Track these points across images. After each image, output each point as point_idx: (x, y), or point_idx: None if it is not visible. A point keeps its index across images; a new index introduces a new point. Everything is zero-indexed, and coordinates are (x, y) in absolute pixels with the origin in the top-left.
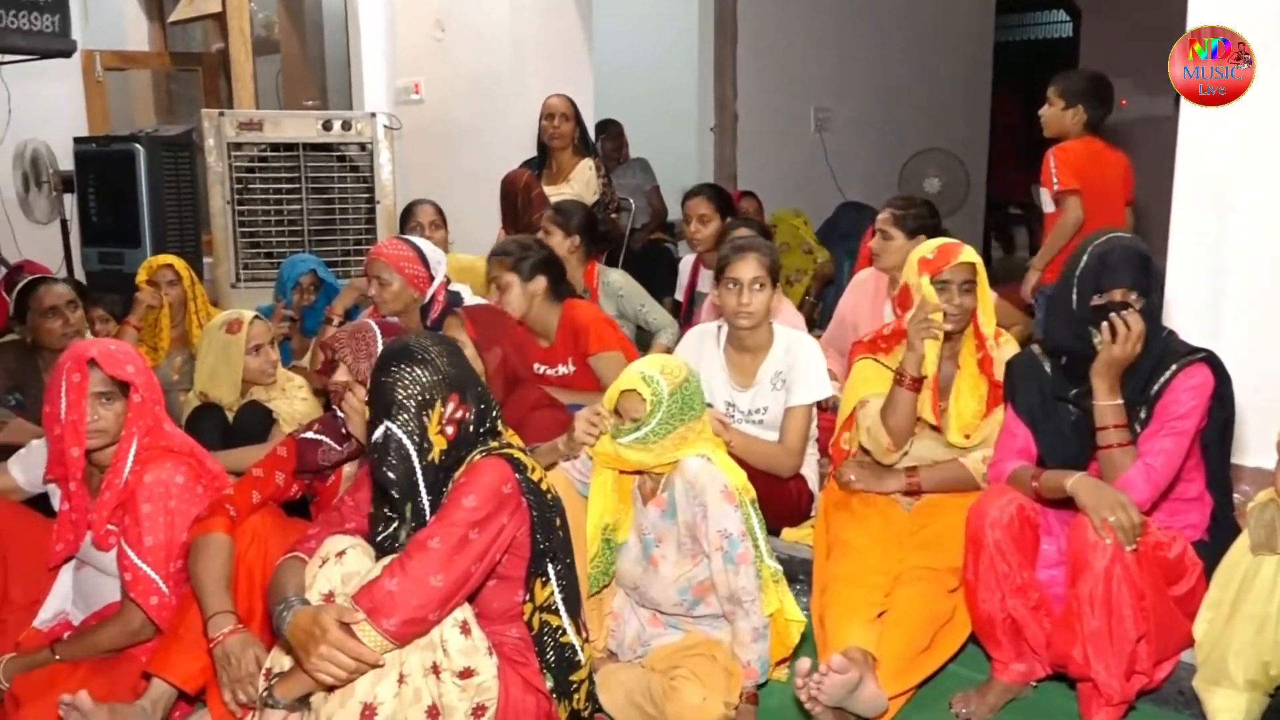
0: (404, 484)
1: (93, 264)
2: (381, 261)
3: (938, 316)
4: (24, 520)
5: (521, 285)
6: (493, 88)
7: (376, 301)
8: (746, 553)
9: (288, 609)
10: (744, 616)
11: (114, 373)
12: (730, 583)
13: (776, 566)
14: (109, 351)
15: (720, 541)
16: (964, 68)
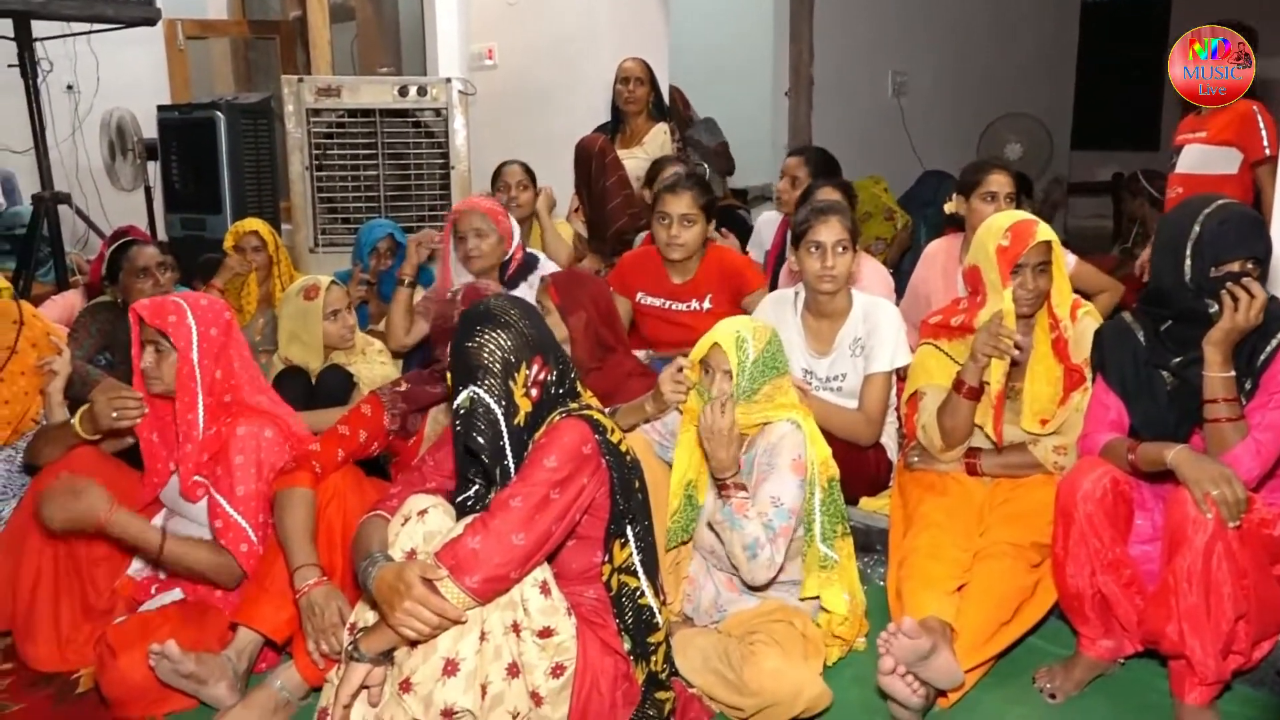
0: (492, 448)
1: (176, 230)
2: (480, 213)
3: (1008, 342)
4: (116, 471)
5: (704, 224)
6: (567, 52)
7: (468, 256)
8: (788, 529)
9: (373, 564)
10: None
11: (153, 323)
12: (750, 536)
13: (829, 555)
14: (155, 302)
15: (767, 507)
16: (1049, 29)
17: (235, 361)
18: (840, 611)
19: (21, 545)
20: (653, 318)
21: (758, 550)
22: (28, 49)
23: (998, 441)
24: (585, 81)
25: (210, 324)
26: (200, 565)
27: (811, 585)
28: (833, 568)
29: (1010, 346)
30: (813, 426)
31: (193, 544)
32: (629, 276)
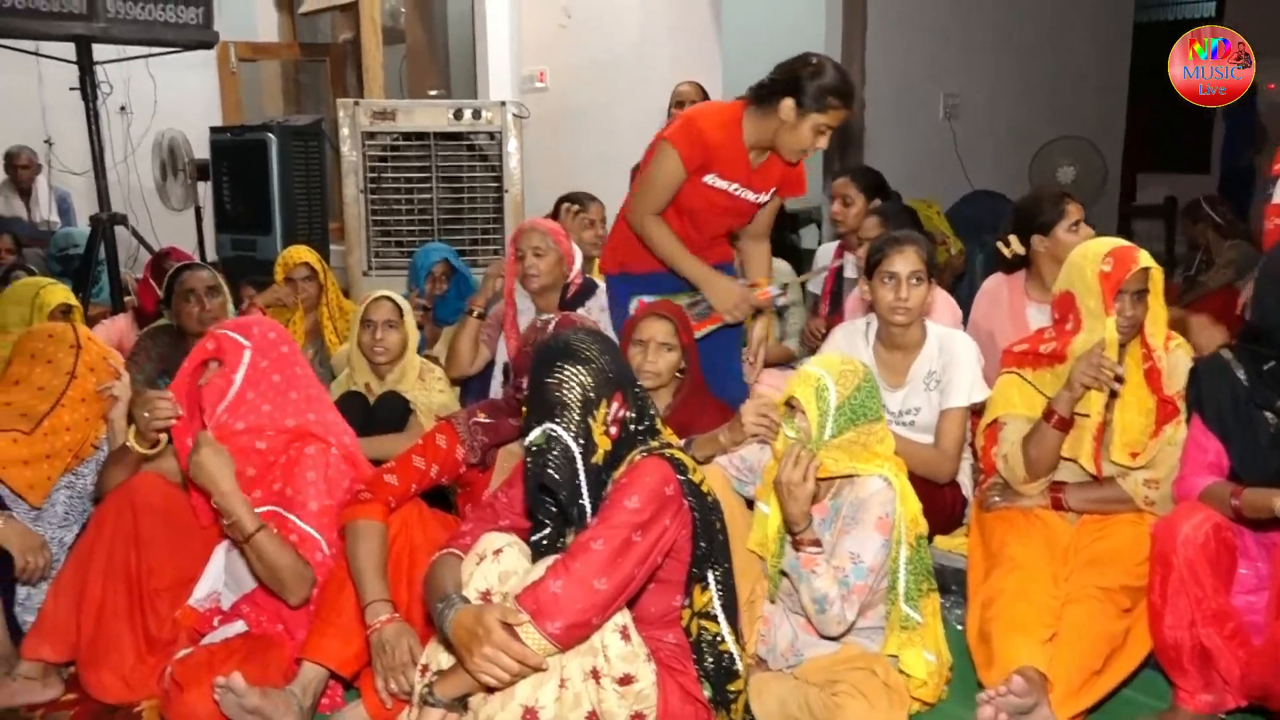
0: (568, 487)
1: (226, 250)
2: (540, 231)
3: (1109, 374)
4: (177, 497)
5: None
6: (620, 74)
7: (526, 274)
8: (864, 588)
9: (449, 607)
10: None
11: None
12: (820, 591)
13: (912, 616)
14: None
15: (845, 563)
16: (1101, 50)
17: (292, 392)
18: (919, 675)
19: (85, 574)
20: (707, 205)
21: (826, 606)
22: (89, 72)
23: (1097, 474)
24: (638, 104)
25: (264, 355)
26: (281, 563)
27: (892, 644)
28: (915, 629)
29: (1111, 378)
30: (905, 484)
31: (282, 541)
32: (713, 153)
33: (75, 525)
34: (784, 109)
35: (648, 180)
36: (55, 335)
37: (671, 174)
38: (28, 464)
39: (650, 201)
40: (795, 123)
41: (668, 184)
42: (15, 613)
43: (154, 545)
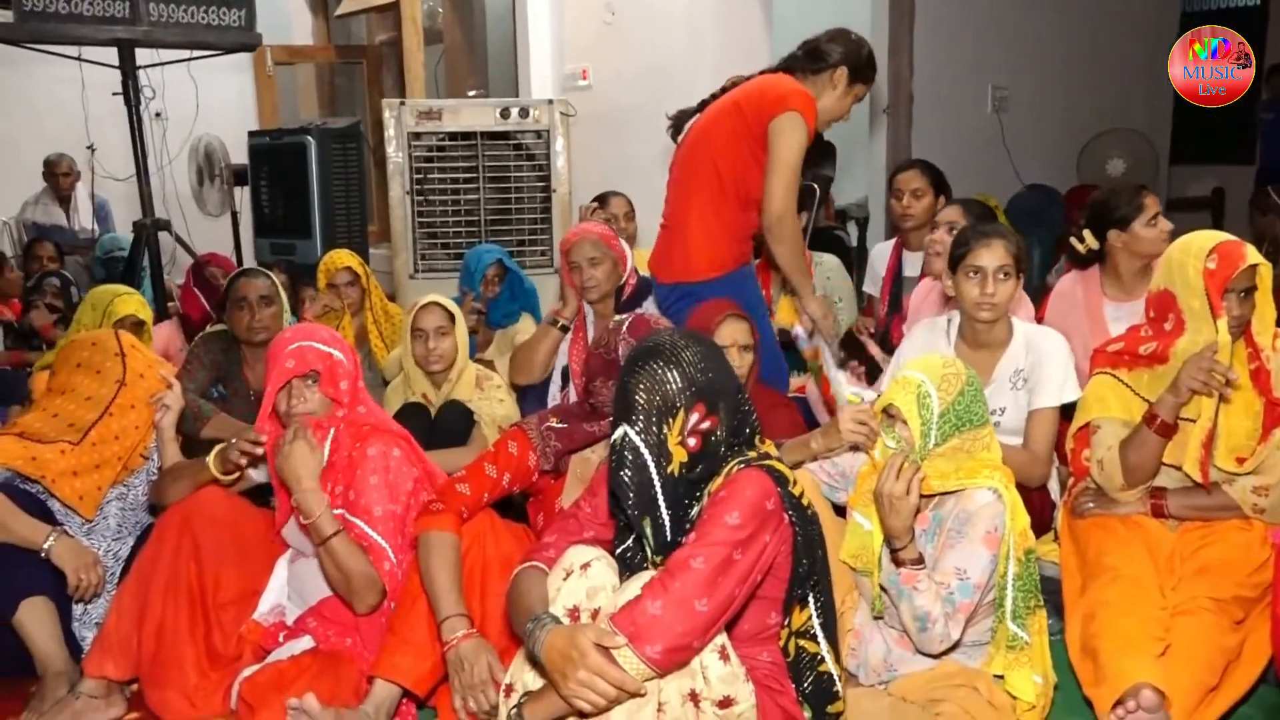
0: (641, 496)
1: (265, 254)
2: (595, 239)
3: (1221, 378)
4: (241, 511)
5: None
6: (666, 71)
7: (585, 286)
8: (970, 606)
9: (540, 627)
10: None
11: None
12: (922, 609)
13: (1020, 635)
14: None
15: (950, 579)
16: (1148, 40)
17: (360, 406)
18: (1027, 699)
19: (147, 590)
20: None
21: (929, 625)
22: (131, 77)
23: (1204, 483)
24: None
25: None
26: (354, 569)
27: (998, 664)
28: (1022, 648)
29: (1223, 383)
30: (1015, 496)
31: (355, 547)
32: None
33: (129, 538)
34: (838, 77)
35: (789, 162)
36: (99, 343)
37: (804, 144)
38: (77, 475)
39: (790, 186)
40: (844, 92)
41: (800, 157)
42: (74, 629)
43: (216, 559)
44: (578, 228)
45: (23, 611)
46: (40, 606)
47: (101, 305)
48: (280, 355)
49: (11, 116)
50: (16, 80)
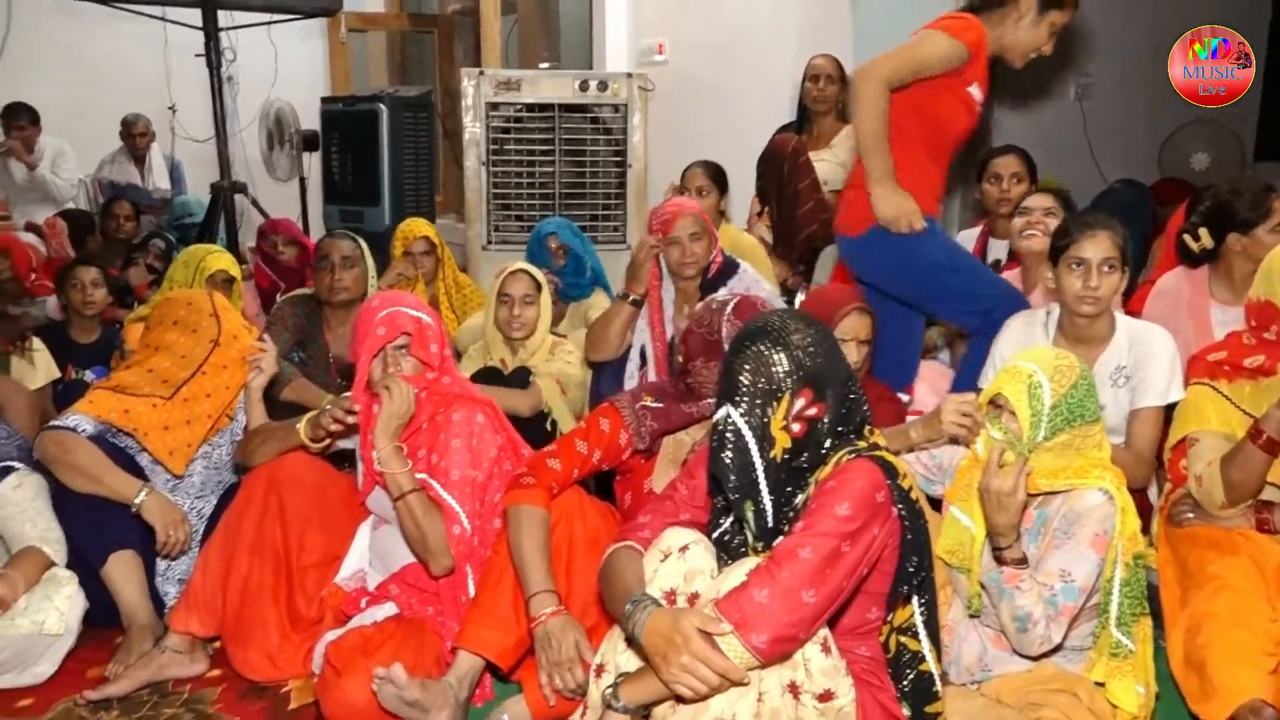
0: (742, 480)
1: (333, 220)
2: (691, 214)
3: None
4: (325, 475)
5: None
6: (745, 47)
7: (683, 262)
8: (1073, 609)
9: (640, 609)
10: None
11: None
12: (1023, 609)
13: (1124, 643)
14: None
15: (1054, 580)
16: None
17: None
18: (1129, 708)
19: (233, 549)
20: (951, 118)
21: (1029, 626)
22: (213, 38)
23: None
24: (765, 79)
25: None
26: (429, 529)
27: (1099, 671)
28: (1126, 656)
29: None
30: (1127, 498)
31: (432, 507)
32: (983, 60)
33: (212, 496)
34: (1025, 6)
35: (910, 48)
36: (194, 303)
37: (946, 55)
38: (168, 429)
39: (897, 68)
40: (1035, 20)
41: (931, 61)
42: (156, 584)
43: (301, 522)
44: (675, 202)
45: (112, 564)
46: (128, 560)
47: (194, 262)
48: (371, 323)
49: (94, 76)
50: (99, 40)
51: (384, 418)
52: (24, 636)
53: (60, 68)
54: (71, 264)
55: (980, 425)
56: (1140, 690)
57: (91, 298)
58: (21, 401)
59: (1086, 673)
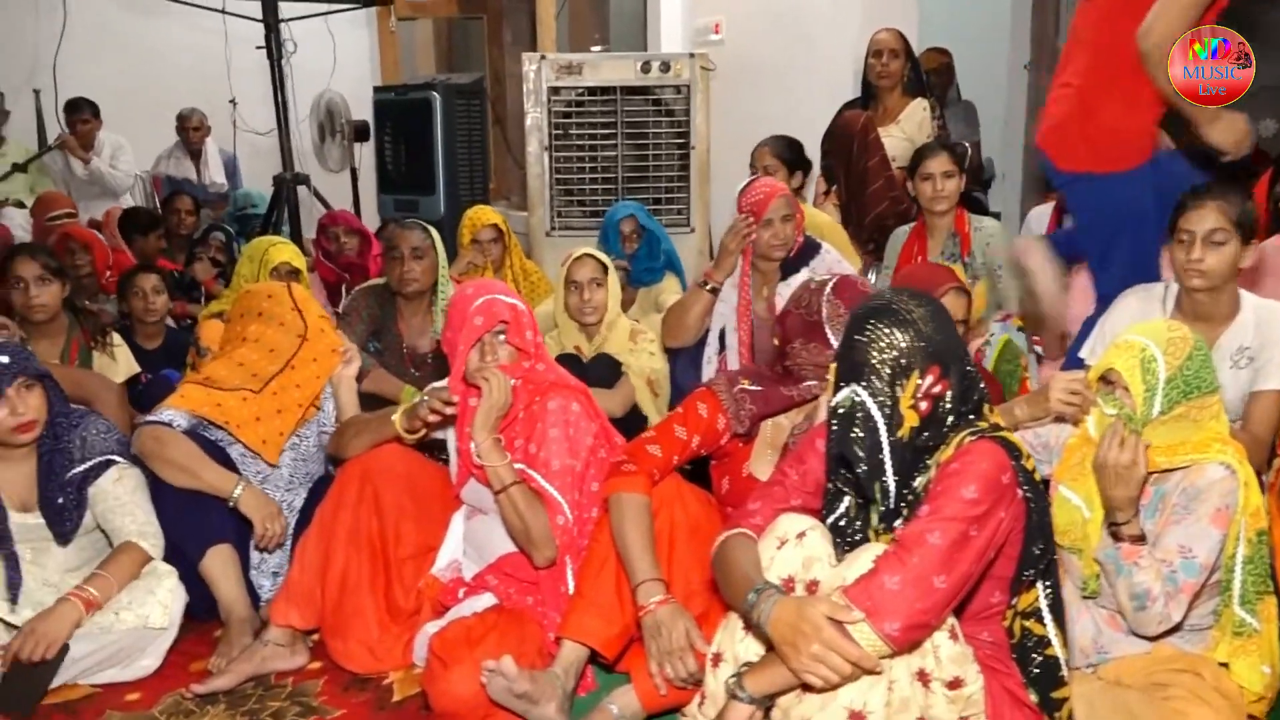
0: (870, 460)
1: (388, 210)
2: (786, 195)
3: None
4: (419, 466)
5: None
6: (806, 23)
7: (773, 244)
8: (1194, 586)
9: (765, 598)
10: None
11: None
12: (1141, 586)
13: (1248, 621)
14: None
15: (1173, 556)
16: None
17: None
18: (1255, 688)
19: (329, 542)
20: None
21: (1148, 603)
22: (274, 30)
23: None
24: (826, 55)
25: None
26: (532, 521)
27: (1222, 650)
28: (1250, 635)
29: None
30: (1249, 472)
31: (534, 498)
32: None
33: (301, 489)
34: None
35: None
36: (275, 296)
37: None
38: (259, 420)
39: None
40: None
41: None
42: (251, 577)
43: (396, 513)
44: (765, 183)
45: (209, 558)
46: (225, 554)
47: (257, 255)
48: (466, 313)
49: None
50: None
51: (483, 410)
52: (129, 631)
53: (119, 62)
54: (133, 271)
55: (1090, 403)
56: (1266, 670)
57: (153, 305)
58: (112, 397)
59: (1208, 653)
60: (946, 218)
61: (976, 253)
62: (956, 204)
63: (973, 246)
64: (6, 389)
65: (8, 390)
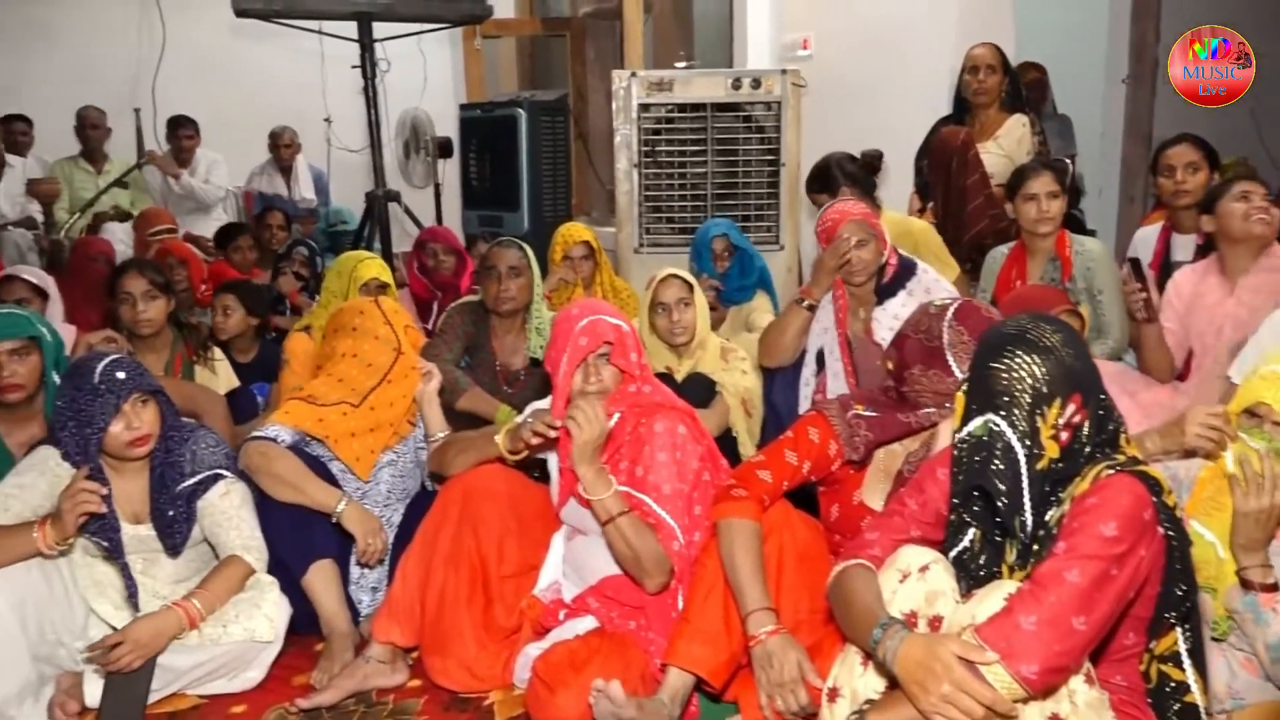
0: (1011, 492)
1: (472, 226)
2: (858, 219)
3: None
4: (520, 486)
5: None
6: (899, 38)
7: (852, 270)
8: None
9: (891, 633)
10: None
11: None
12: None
13: None
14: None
15: None
16: None
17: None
18: None
19: (431, 558)
20: None
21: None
22: (369, 50)
23: None
24: (919, 71)
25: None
26: (644, 548)
27: None
28: None
29: None
30: None
31: (643, 525)
32: None
33: (399, 505)
34: None
35: None
36: (367, 311)
37: None
38: (355, 436)
39: None
40: None
41: None
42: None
43: (497, 533)
44: (837, 208)
45: (313, 573)
46: (327, 569)
47: (346, 271)
48: (571, 334)
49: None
50: (256, 55)
51: (577, 448)
52: (236, 643)
53: (216, 82)
54: (220, 288)
55: (1229, 437)
56: None
57: (223, 325)
58: (218, 410)
59: None
60: (1049, 240)
61: (1078, 276)
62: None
63: (1074, 270)
64: (123, 404)
65: (124, 405)
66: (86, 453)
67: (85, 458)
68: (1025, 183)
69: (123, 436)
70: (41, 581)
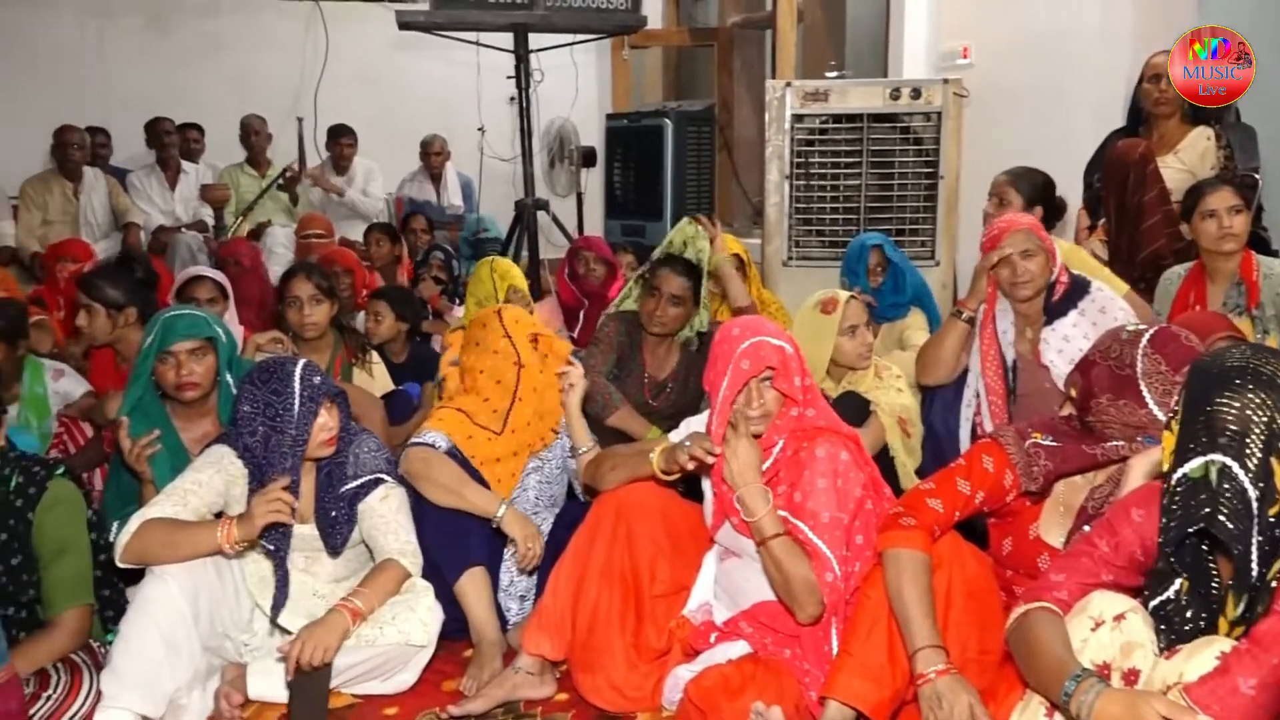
0: (1242, 539)
1: (614, 235)
2: (1026, 229)
3: None
4: (673, 505)
5: None
6: (1070, 46)
7: (1016, 282)
8: None
9: (1086, 686)
10: None
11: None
12: None
13: None
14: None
15: None
16: None
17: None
18: None
19: (583, 572)
20: None
21: None
22: (524, 60)
23: None
24: (1092, 80)
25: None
26: (796, 574)
27: None
28: None
29: None
30: None
31: (799, 551)
32: None
33: (546, 512)
34: None
35: None
36: (488, 324)
37: None
38: (499, 461)
39: None
40: None
41: None
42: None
43: (650, 551)
44: (1005, 218)
45: (466, 580)
46: (480, 576)
47: (487, 279)
48: (732, 356)
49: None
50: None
51: (736, 475)
52: (392, 646)
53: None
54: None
55: None
56: None
57: (376, 329)
58: (376, 414)
59: None
60: (1233, 260)
61: (1267, 303)
62: (1244, 245)
63: (1262, 296)
64: (320, 406)
65: (320, 407)
66: (288, 458)
67: (286, 464)
68: (1203, 199)
69: (319, 436)
70: (214, 575)
